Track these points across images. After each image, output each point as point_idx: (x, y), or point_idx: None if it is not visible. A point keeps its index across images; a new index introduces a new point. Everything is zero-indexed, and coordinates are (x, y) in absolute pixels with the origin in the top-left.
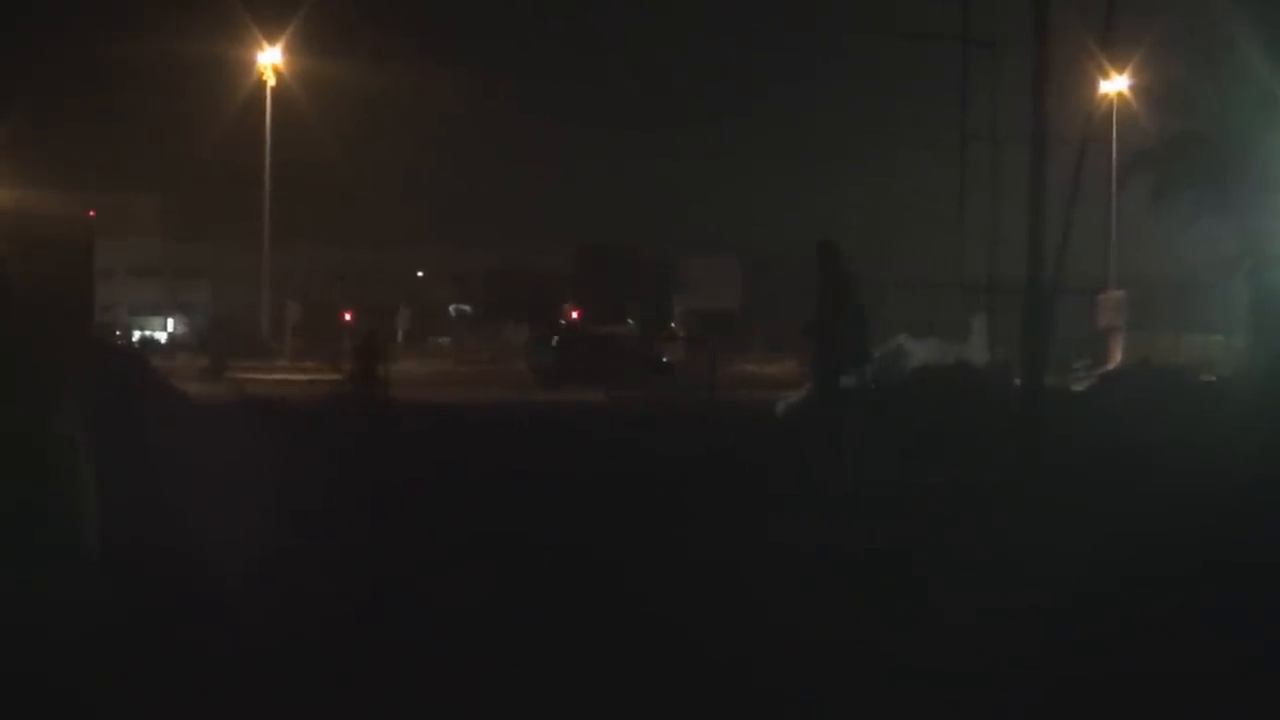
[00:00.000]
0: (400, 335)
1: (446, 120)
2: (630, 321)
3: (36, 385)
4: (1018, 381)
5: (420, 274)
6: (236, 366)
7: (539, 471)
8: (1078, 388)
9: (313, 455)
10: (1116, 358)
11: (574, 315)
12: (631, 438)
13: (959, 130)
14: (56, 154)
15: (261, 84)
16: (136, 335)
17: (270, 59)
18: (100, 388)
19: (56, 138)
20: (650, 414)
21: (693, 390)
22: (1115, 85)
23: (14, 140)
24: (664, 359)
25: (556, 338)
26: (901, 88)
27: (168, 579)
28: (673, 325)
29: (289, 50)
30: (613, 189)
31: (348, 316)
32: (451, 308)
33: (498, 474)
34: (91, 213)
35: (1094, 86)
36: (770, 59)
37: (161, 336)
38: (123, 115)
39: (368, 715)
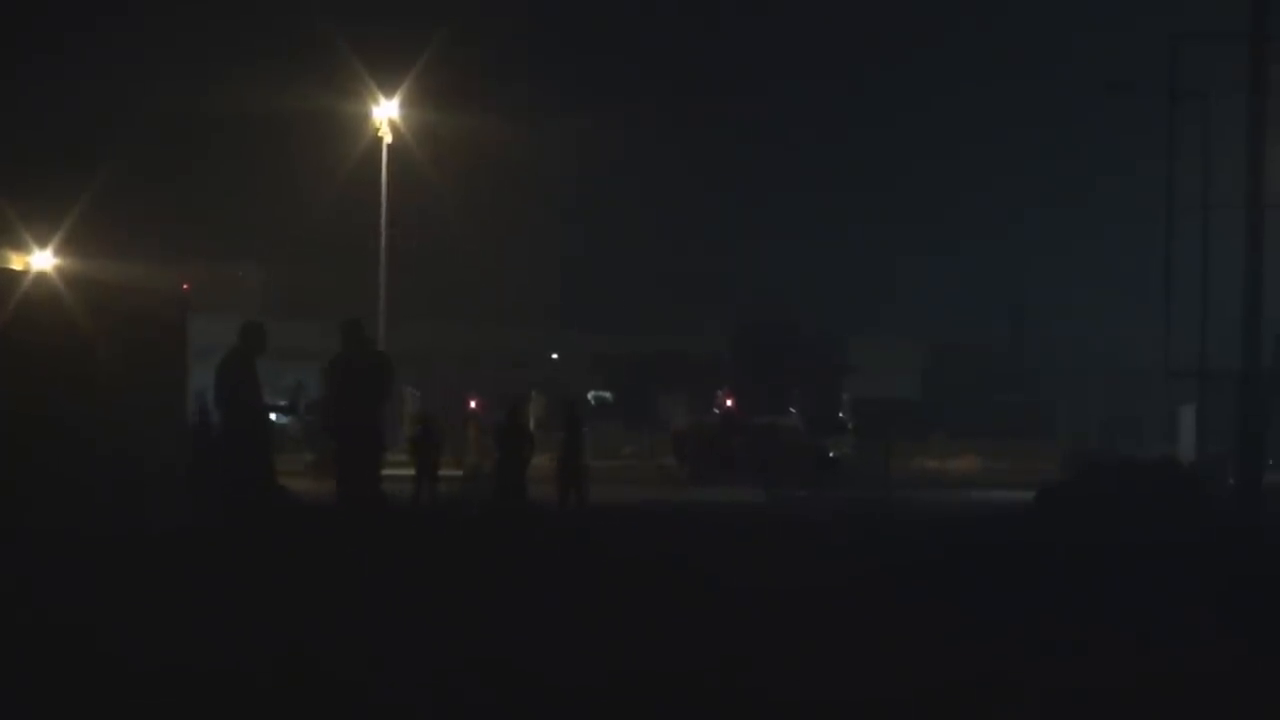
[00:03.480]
0: (533, 425)
1: (584, 184)
2: (792, 410)
3: None
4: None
5: (555, 356)
6: None
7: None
8: None
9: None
10: None
11: (728, 403)
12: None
13: (1165, 196)
14: (153, 221)
15: (377, 141)
16: None
17: (386, 113)
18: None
19: (152, 204)
20: (823, 519)
21: (865, 489)
22: None
23: (108, 206)
24: (830, 454)
25: (709, 429)
26: (1094, 154)
27: None
28: (841, 415)
29: (408, 104)
30: (769, 262)
31: (473, 404)
32: (590, 395)
33: None
34: (186, 286)
35: None
36: (949, 123)
37: None
38: (224, 177)
39: None
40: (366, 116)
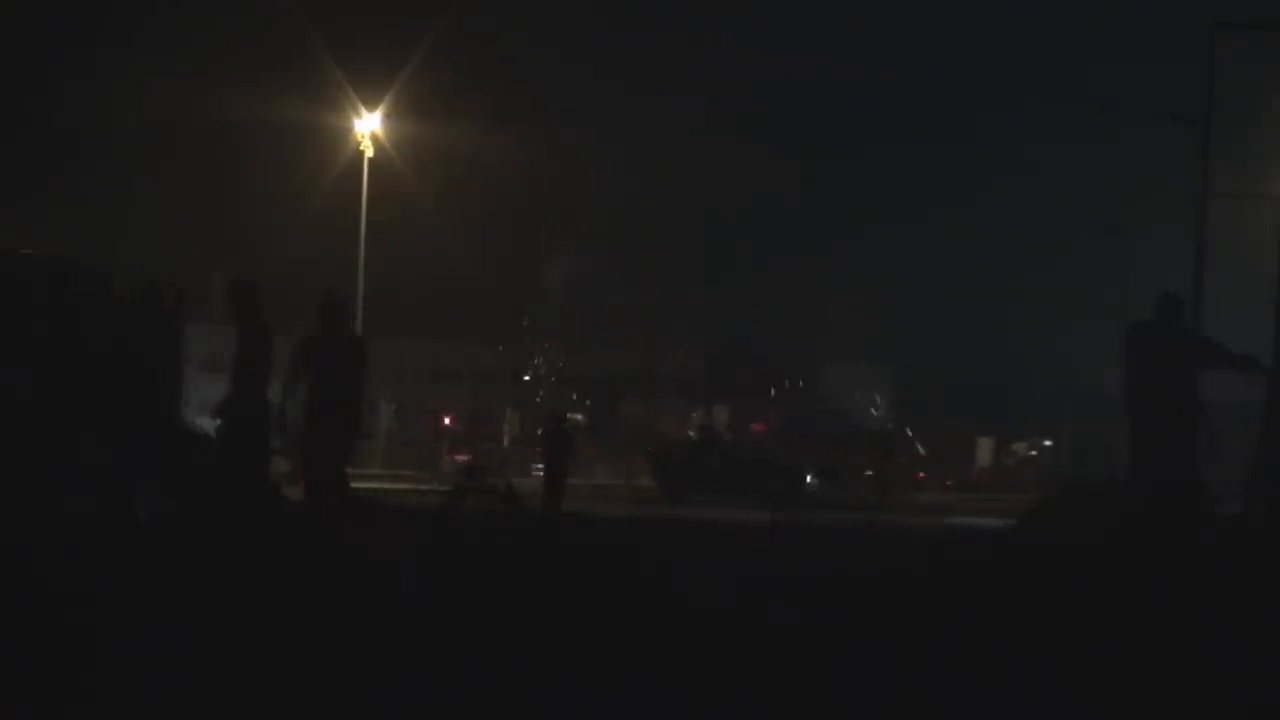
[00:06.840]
0: (506, 442)
1: (566, 204)
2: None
3: None
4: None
5: (526, 378)
6: None
7: None
8: None
9: None
10: None
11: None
12: None
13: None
14: (129, 228)
15: (358, 154)
16: None
17: (368, 126)
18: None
19: (126, 210)
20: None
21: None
22: None
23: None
24: (807, 477)
25: (686, 449)
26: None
27: None
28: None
29: (390, 116)
30: (742, 289)
31: (447, 420)
32: None
33: None
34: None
35: None
36: (923, 153)
37: None
38: (201, 187)
39: None
40: (349, 129)
